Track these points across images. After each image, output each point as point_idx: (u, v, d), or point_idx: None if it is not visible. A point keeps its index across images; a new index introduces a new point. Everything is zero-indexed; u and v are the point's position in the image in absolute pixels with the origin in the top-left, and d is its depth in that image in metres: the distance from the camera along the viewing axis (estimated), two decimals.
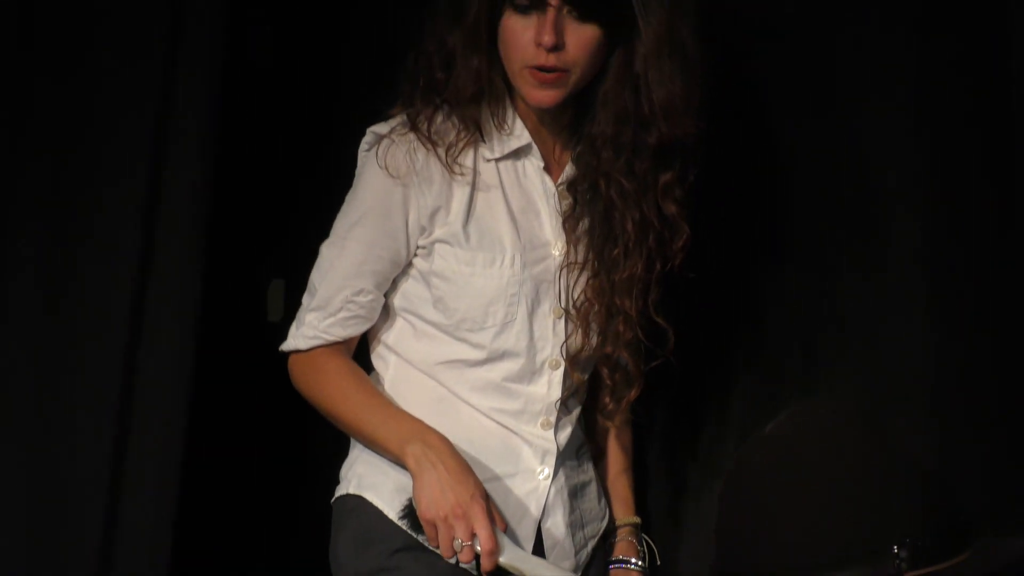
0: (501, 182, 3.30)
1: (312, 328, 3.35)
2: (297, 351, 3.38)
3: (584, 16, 3.09)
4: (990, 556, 2.26)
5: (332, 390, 3.39)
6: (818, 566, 2.24)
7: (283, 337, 3.74)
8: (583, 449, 3.47)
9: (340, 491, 3.40)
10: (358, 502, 3.33)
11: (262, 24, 3.89)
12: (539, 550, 3.34)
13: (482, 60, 3.23)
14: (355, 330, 3.35)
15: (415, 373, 3.39)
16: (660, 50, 3.15)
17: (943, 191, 3.72)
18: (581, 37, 3.14)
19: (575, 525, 3.41)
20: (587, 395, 3.48)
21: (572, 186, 3.26)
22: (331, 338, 3.35)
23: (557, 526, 3.36)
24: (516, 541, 3.28)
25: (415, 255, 3.32)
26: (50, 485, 3.56)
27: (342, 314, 3.35)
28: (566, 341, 3.30)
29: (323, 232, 3.72)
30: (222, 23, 3.57)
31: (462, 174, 3.23)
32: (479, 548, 3.14)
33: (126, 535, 3.57)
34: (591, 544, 3.47)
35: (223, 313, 3.70)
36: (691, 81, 3.14)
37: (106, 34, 3.55)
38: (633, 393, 3.36)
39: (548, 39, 3.08)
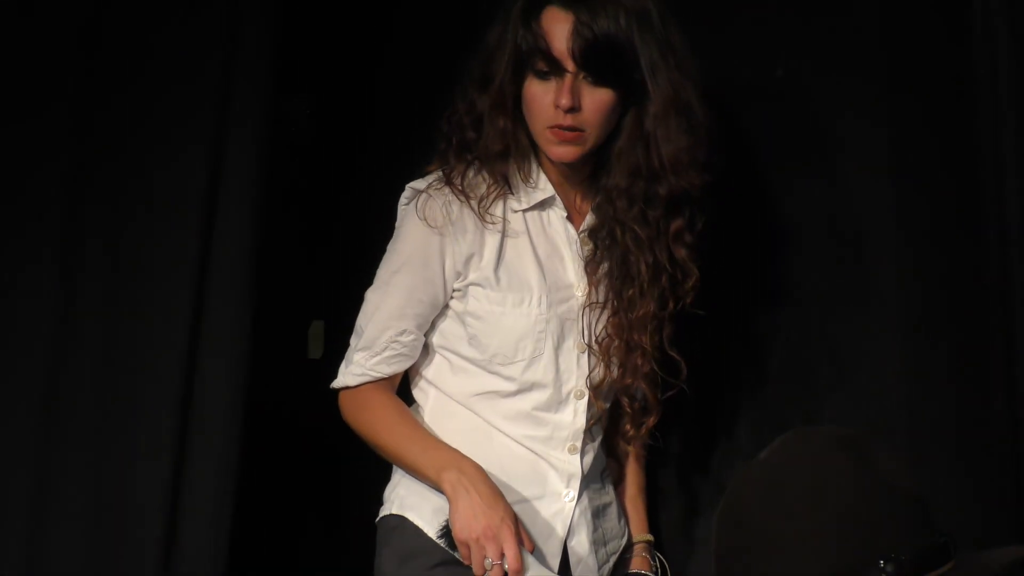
0: (528, 230, 3.34)
1: (360, 367, 3.38)
2: (346, 388, 3.42)
3: (598, 81, 3.16)
4: (970, 569, 2.21)
5: (377, 423, 3.42)
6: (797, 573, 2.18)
7: (323, 371, 3.74)
8: (605, 472, 3.50)
9: (384, 511, 3.45)
10: (400, 521, 3.39)
11: (302, 91, 3.96)
12: (565, 567, 3.36)
13: (508, 121, 3.28)
14: (399, 367, 3.41)
15: (453, 405, 3.42)
16: (667, 111, 3.18)
17: (916, 232, 3.78)
18: (595, 100, 3.19)
19: (598, 543, 3.43)
20: (608, 422, 3.50)
21: (593, 233, 3.31)
22: (377, 375, 3.39)
23: (581, 544, 3.38)
24: (543, 560, 3.32)
25: (451, 297, 3.36)
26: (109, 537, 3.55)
27: (387, 353, 3.38)
28: (590, 374, 3.34)
29: (357, 279, 3.76)
30: (268, 92, 3.59)
31: (493, 223, 3.29)
32: (507, 567, 3.19)
33: (185, 552, 3.57)
34: (612, 560, 3.48)
35: (270, 351, 3.71)
36: (697, 138, 3.19)
37: (167, 109, 3.57)
38: (651, 420, 3.39)
39: (566, 102, 3.15)
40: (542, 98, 3.19)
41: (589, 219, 3.33)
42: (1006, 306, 3.13)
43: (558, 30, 3.15)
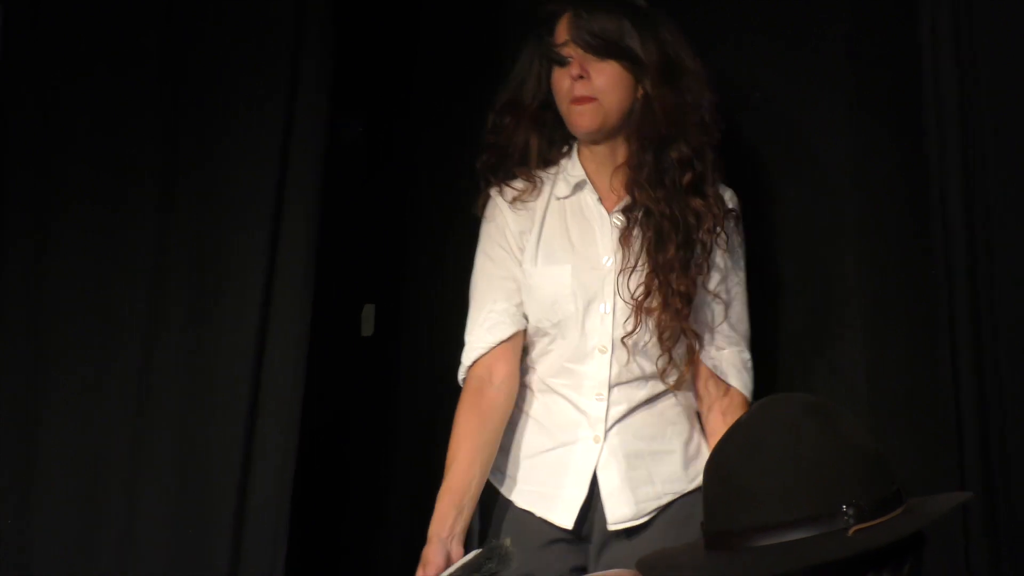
0: (566, 213, 3.42)
1: (471, 347, 3.43)
2: (467, 375, 3.45)
3: (600, 55, 3.29)
4: (917, 513, 2.22)
5: (453, 435, 3.42)
6: (783, 524, 2.17)
7: (373, 349, 4.00)
8: (660, 428, 3.43)
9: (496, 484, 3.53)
10: (506, 502, 3.51)
11: (355, 107, 3.92)
12: (596, 497, 3.38)
13: (530, 131, 3.43)
14: (500, 334, 3.42)
15: (529, 370, 3.49)
16: (662, 75, 3.27)
17: (876, 231, 3.81)
18: (602, 71, 3.30)
19: (638, 480, 3.38)
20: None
21: (626, 210, 3.34)
22: (484, 346, 3.41)
23: (612, 479, 3.36)
24: (575, 489, 3.38)
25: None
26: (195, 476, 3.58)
27: (486, 323, 3.42)
28: (613, 332, 3.34)
29: (401, 271, 4.09)
30: (324, 111, 3.58)
31: (536, 210, 3.41)
32: None
33: (253, 512, 3.55)
34: (667, 498, 3.40)
35: (327, 332, 3.71)
36: (692, 101, 3.28)
37: (243, 128, 3.61)
38: (687, 369, 3.38)
39: (575, 71, 3.28)
40: (561, 80, 3.31)
41: (625, 200, 3.36)
42: (951, 293, 3.13)
43: (562, 27, 3.30)
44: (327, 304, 3.66)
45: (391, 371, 4.15)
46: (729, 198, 3.36)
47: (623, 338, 3.29)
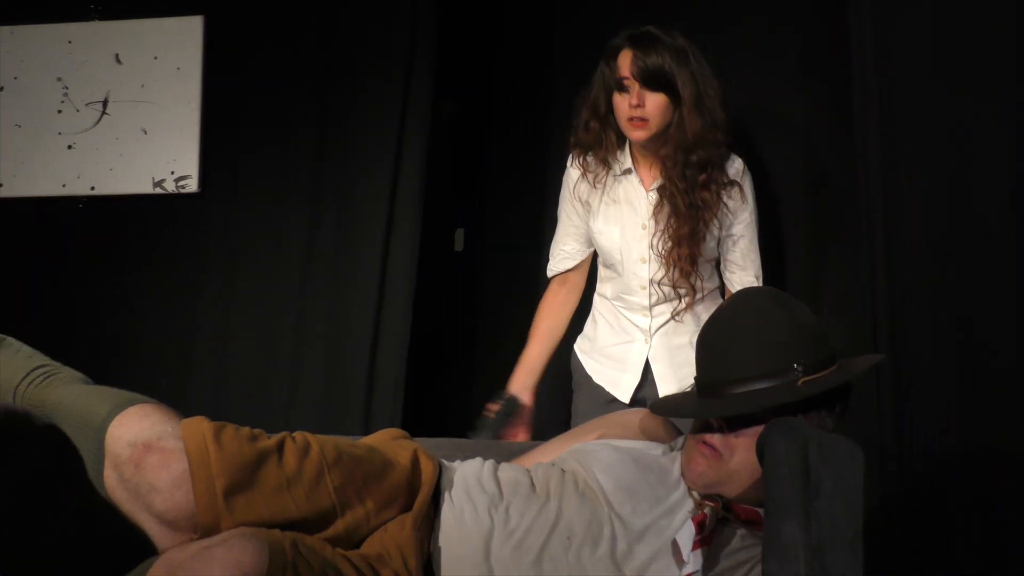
0: (618, 188, 3.39)
1: (551, 269, 3.47)
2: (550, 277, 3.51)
3: (652, 88, 3.23)
4: (846, 369, 2.22)
5: (535, 320, 3.44)
6: (751, 377, 2.17)
7: (462, 261, 3.97)
8: (688, 332, 3.31)
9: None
10: (578, 363, 3.49)
11: (451, 91, 3.86)
12: (649, 380, 3.35)
13: (599, 125, 3.35)
14: (567, 264, 3.46)
15: (604, 284, 3.45)
16: (694, 103, 3.23)
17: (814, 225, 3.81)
18: (652, 100, 3.26)
19: (680, 364, 3.31)
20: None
21: (659, 190, 3.31)
22: (558, 270, 3.46)
23: (661, 364, 3.33)
24: (631, 376, 3.35)
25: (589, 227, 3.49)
26: (342, 364, 3.65)
27: (559, 256, 3.47)
28: (651, 275, 3.29)
29: (484, 203, 3.99)
30: (430, 94, 3.64)
31: (601, 183, 3.38)
32: None
33: (380, 374, 3.60)
34: None
35: (431, 247, 3.75)
36: (711, 124, 3.22)
37: (374, 103, 3.67)
38: (690, 299, 3.30)
39: (635, 102, 3.25)
40: (622, 103, 3.28)
41: (658, 182, 3.33)
42: (872, 264, 3.04)
43: (624, 61, 3.24)
44: (431, 226, 3.70)
45: (475, 275, 4.06)
46: (735, 171, 3.32)
47: (655, 278, 3.31)
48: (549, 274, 3.51)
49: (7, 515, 2.16)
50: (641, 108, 3.28)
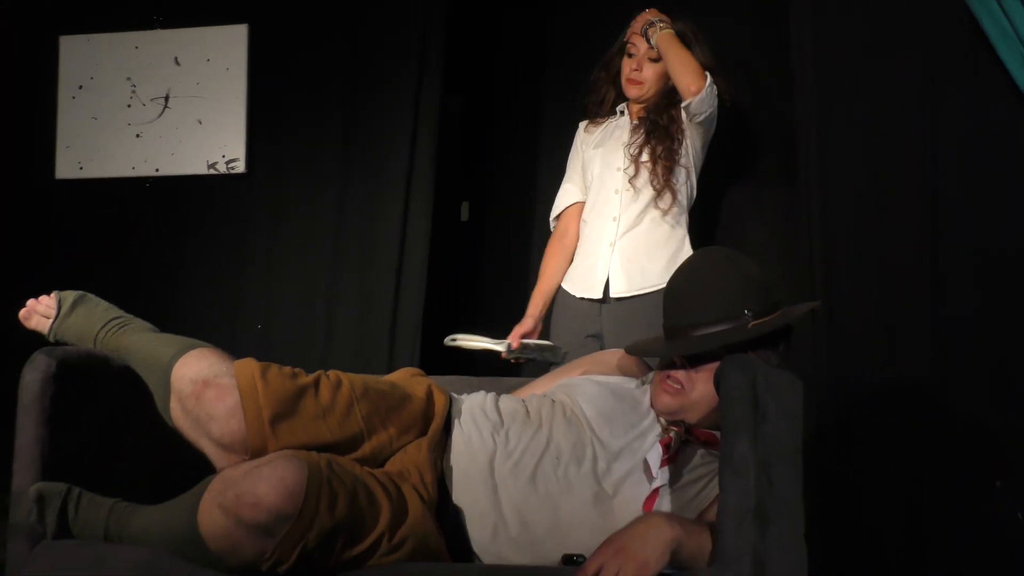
0: (611, 126, 3.41)
1: (555, 206, 3.45)
2: (555, 226, 3.47)
3: (652, 59, 3.32)
4: (788, 314, 2.19)
5: (544, 257, 3.42)
6: (707, 322, 2.14)
7: (469, 230, 3.94)
8: (652, 244, 3.26)
9: None
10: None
11: (457, 87, 3.82)
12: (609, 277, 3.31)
13: (608, 86, 3.44)
14: (569, 199, 3.42)
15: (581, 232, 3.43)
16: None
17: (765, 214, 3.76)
18: (651, 68, 3.36)
19: (632, 272, 3.24)
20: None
21: (640, 120, 3.33)
22: (560, 205, 3.43)
23: (616, 270, 3.23)
24: (601, 274, 3.28)
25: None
26: (370, 300, 3.63)
27: (562, 193, 3.44)
28: (626, 180, 3.28)
29: (486, 180, 3.95)
30: (439, 88, 3.59)
31: (598, 126, 3.42)
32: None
33: (400, 323, 3.56)
34: (647, 288, 3.22)
35: (441, 217, 3.70)
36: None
37: (393, 95, 3.62)
38: (670, 200, 3.27)
39: (634, 65, 3.36)
40: (627, 65, 3.37)
41: (640, 116, 3.34)
42: (812, 247, 3.02)
43: (636, 32, 3.34)
44: (440, 200, 3.66)
45: (478, 240, 4.04)
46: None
47: (630, 180, 3.27)
48: (552, 215, 3.44)
49: (94, 442, 2.23)
50: (639, 72, 3.35)
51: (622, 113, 3.46)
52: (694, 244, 3.29)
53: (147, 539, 2.02)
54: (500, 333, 3.25)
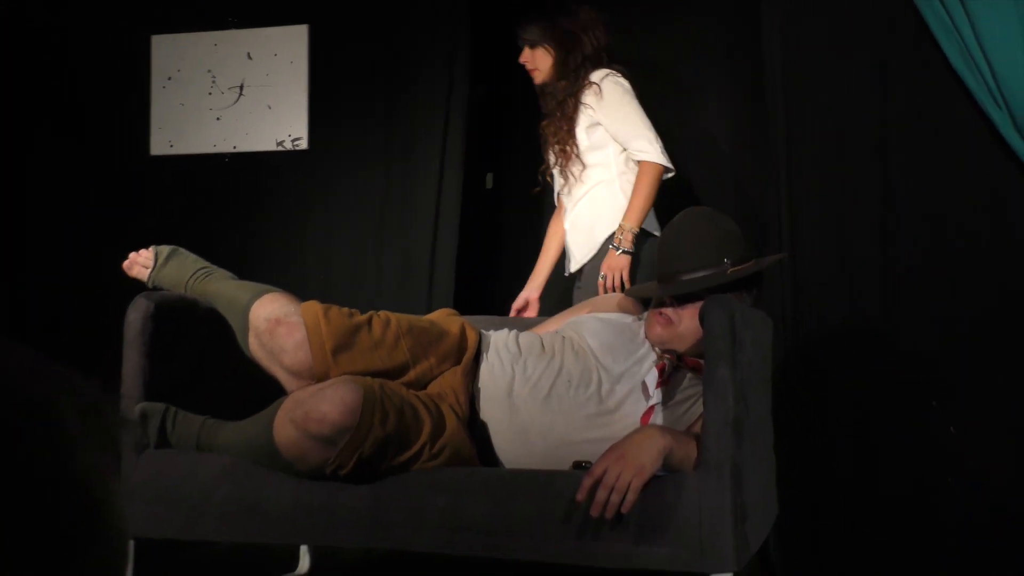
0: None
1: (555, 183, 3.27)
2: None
3: (533, 46, 3.08)
4: (761, 263, 2.19)
5: (547, 233, 3.25)
6: (693, 268, 2.14)
7: (492, 196, 3.90)
8: (594, 213, 3.02)
9: None
10: None
11: (482, 78, 3.71)
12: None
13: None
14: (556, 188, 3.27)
15: None
16: (550, 50, 3.05)
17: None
18: (535, 55, 3.09)
19: (580, 242, 3.05)
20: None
21: (547, 90, 3.07)
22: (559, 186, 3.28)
23: (568, 242, 3.09)
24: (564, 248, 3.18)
25: None
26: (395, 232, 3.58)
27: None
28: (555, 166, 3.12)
29: (507, 153, 3.90)
30: (467, 79, 3.52)
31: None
32: None
33: (438, 273, 3.47)
34: (593, 252, 3.03)
35: (469, 187, 3.61)
36: (576, 59, 3.01)
37: (427, 86, 3.55)
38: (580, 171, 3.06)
39: (525, 57, 3.12)
40: (522, 55, 3.14)
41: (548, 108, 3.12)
42: (779, 208, 2.93)
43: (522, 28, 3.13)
44: (469, 172, 3.60)
45: (500, 206, 4.05)
46: (597, 76, 2.97)
47: (560, 161, 3.07)
48: (555, 193, 3.24)
49: (187, 370, 2.27)
50: (529, 61, 3.11)
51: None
52: (684, 206, 3.17)
53: (231, 449, 2.06)
54: (518, 279, 3.23)
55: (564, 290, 3.38)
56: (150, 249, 2.36)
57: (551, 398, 2.11)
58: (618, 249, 2.91)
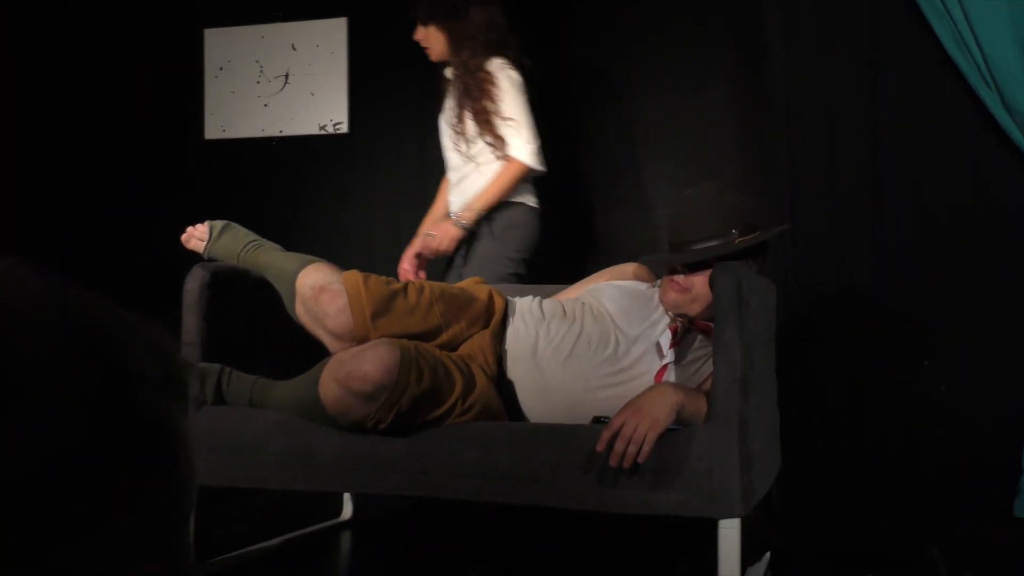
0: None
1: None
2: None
3: (425, 23, 2.84)
4: (766, 233, 2.10)
5: (440, 190, 3.04)
6: (703, 238, 2.07)
7: None
8: (475, 185, 2.81)
9: None
10: None
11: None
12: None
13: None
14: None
15: None
16: (440, 28, 2.82)
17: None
18: (428, 32, 2.85)
19: (461, 207, 2.85)
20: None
21: (454, 76, 2.82)
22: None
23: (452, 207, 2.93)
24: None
25: None
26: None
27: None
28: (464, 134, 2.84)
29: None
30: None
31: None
32: None
33: None
34: (469, 216, 2.80)
35: None
36: (458, 36, 2.80)
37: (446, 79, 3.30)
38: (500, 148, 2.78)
39: (419, 35, 2.88)
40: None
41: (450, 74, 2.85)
42: (782, 184, 2.87)
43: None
44: None
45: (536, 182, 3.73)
46: (494, 66, 2.76)
47: (455, 137, 2.84)
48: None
49: (240, 334, 2.25)
50: (423, 39, 2.88)
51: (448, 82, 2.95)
52: (694, 181, 3.04)
53: (281, 406, 2.04)
54: (542, 254, 3.01)
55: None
56: (205, 224, 2.33)
57: (572, 358, 2.08)
58: (458, 223, 2.80)
